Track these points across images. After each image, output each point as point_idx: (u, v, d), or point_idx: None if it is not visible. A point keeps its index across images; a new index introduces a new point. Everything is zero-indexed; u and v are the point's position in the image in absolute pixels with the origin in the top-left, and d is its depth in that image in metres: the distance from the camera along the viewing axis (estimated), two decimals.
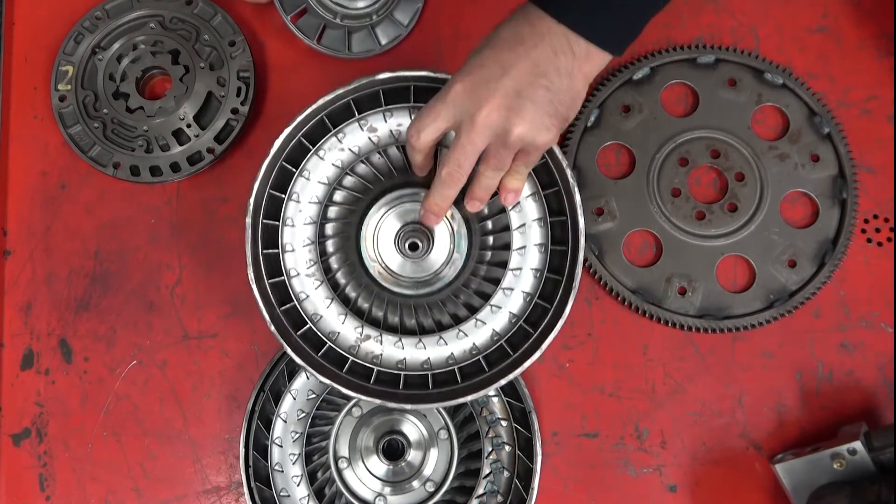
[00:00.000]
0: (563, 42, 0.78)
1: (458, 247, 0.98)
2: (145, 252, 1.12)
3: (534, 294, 0.95)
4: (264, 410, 1.03)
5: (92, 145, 1.12)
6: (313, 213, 0.96)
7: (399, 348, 0.95)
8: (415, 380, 0.94)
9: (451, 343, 0.95)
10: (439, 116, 0.82)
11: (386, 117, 0.95)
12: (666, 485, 1.06)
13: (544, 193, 0.95)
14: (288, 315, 0.94)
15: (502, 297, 0.95)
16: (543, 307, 0.94)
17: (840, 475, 0.97)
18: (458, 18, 1.18)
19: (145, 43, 1.14)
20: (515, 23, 0.80)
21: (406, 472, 1.02)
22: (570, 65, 0.78)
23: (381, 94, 0.95)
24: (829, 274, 1.09)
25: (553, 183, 0.95)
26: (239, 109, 1.13)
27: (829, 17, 1.19)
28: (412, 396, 0.93)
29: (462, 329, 0.95)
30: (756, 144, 1.13)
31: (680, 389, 1.08)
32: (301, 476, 1.01)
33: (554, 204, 0.95)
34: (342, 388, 0.91)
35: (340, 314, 0.95)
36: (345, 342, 0.95)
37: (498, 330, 0.95)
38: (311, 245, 0.95)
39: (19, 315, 1.11)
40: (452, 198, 0.88)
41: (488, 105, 0.79)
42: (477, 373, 0.94)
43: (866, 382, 1.08)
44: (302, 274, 0.95)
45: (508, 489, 1.02)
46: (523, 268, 0.95)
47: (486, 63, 0.79)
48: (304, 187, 0.95)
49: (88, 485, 1.07)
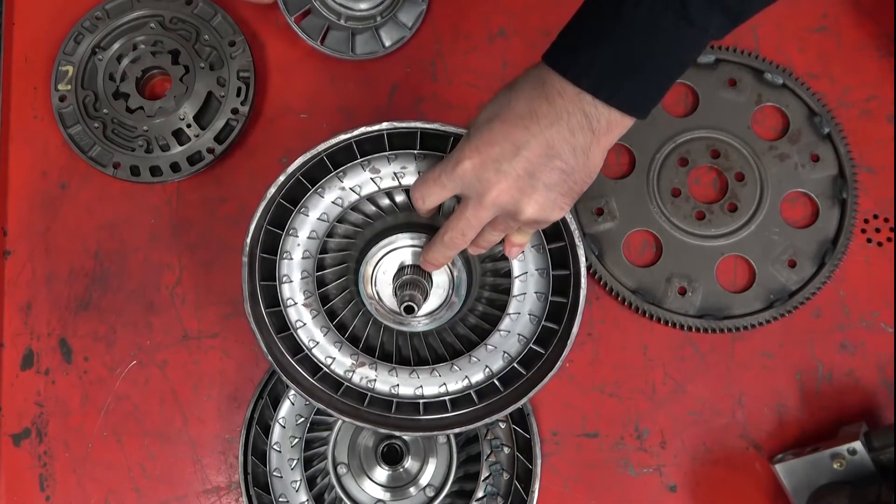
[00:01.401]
0: (581, 120, 0.72)
1: (458, 291, 0.96)
2: (145, 252, 1.12)
3: (530, 339, 0.95)
4: (263, 416, 1.03)
5: (92, 145, 1.12)
6: (312, 248, 0.95)
7: (393, 376, 0.96)
8: (407, 408, 0.95)
9: (445, 375, 0.95)
10: (445, 188, 0.79)
11: (390, 160, 0.92)
12: (666, 485, 1.06)
13: (549, 248, 0.93)
14: (285, 341, 0.94)
15: (499, 338, 0.95)
16: (538, 352, 0.94)
17: (840, 475, 0.97)
18: (461, 21, 1.18)
19: (145, 43, 1.14)
20: (530, 93, 0.74)
21: (405, 477, 1.02)
22: (588, 142, 0.73)
23: (385, 138, 0.91)
24: (829, 274, 1.09)
25: (559, 238, 0.92)
26: (239, 109, 1.13)
27: (829, 17, 1.19)
28: (403, 422, 0.94)
29: (456, 364, 0.95)
30: (756, 144, 1.13)
31: (680, 389, 1.08)
32: (300, 481, 1.01)
33: (557, 257, 0.94)
34: (336, 414, 0.92)
35: (336, 342, 0.95)
36: (340, 368, 0.96)
37: (493, 369, 0.95)
38: (308, 277, 0.95)
39: (19, 315, 1.11)
40: (452, 257, 0.87)
41: (498, 187, 0.76)
42: (467, 404, 0.95)
43: (866, 382, 1.08)
44: (299, 304, 0.95)
45: (508, 491, 1.02)
46: (521, 312, 0.95)
47: (496, 140, 0.75)
48: (302, 223, 0.94)
49: (88, 485, 1.07)
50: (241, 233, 0.91)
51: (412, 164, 0.92)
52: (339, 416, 0.93)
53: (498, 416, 0.92)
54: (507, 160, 0.74)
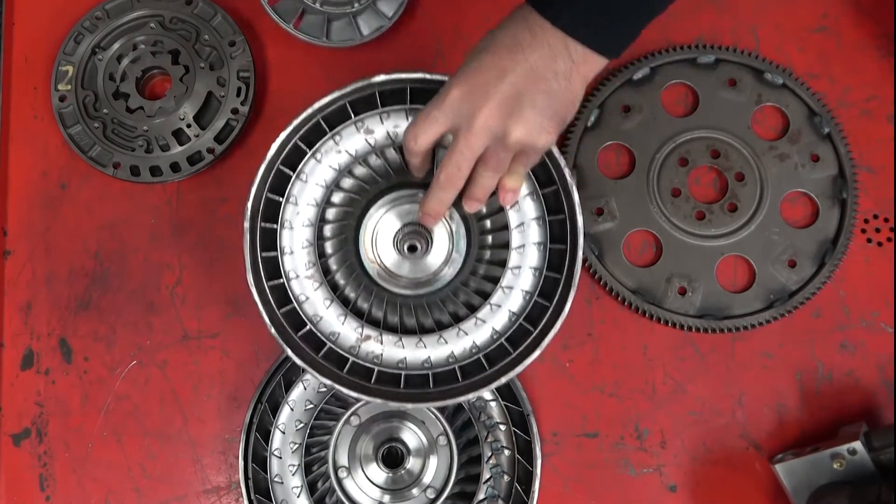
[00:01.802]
0: (560, 47, 0.78)
1: (457, 247, 0.98)
2: (145, 252, 1.12)
3: (533, 292, 0.95)
4: (262, 422, 1.02)
5: (92, 145, 1.12)
6: (311, 216, 0.95)
7: (399, 348, 0.95)
8: (415, 379, 0.95)
9: (452, 342, 0.95)
10: (437, 121, 0.82)
11: (382, 119, 0.95)
12: (666, 485, 1.06)
13: (542, 192, 0.95)
14: (288, 317, 0.94)
15: (502, 295, 0.95)
16: (543, 305, 0.94)
17: (840, 475, 0.97)
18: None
19: (145, 43, 1.14)
20: (513, 28, 0.79)
21: (406, 479, 1.01)
22: (568, 68, 0.78)
23: (377, 96, 0.95)
24: (829, 274, 1.09)
25: (551, 182, 0.95)
26: (239, 109, 1.13)
27: (829, 17, 1.19)
28: (413, 395, 0.93)
29: (462, 328, 0.95)
30: (756, 144, 1.13)
31: (680, 389, 1.08)
32: (301, 487, 1.01)
33: (552, 203, 0.95)
34: (343, 389, 0.91)
35: (340, 315, 0.94)
36: (345, 343, 0.95)
37: (498, 329, 0.95)
38: (309, 247, 0.95)
39: (19, 315, 1.11)
40: (450, 201, 0.88)
41: (486, 109, 0.79)
42: (477, 371, 0.94)
43: (866, 382, 1.08)
44: (301, 276, 0.95)
45: (509, 493, 1.02)
46: (522, 266, 0.95)
47: (483, 67, 0.79)
48: (301, 190, 0.95)
49: (88, 485, 1.07)
50: (241, 233, 0.91)
51: (404, 122, 0.95)
52: (348, 391, 0.91)
53: (511, 375, 0.91)
54: (494, 84, 0.78)
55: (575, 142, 1.13)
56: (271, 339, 0.96)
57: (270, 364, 1.05)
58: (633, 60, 1.16)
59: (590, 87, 1.16)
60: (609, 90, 1.14)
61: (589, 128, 1.14)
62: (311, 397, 1.03)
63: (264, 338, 1.09)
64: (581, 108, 1.14)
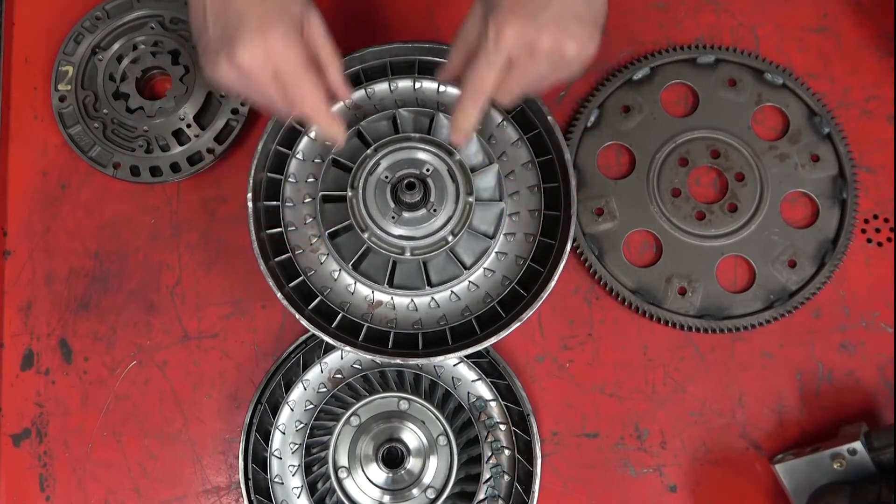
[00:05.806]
0: None
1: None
2: (145, 252, 1.12)
3: (526, 258, 0.97)
4: (262, 422, 1.02)
5: (92, 145, 1.12)
6: (311, 190, 0.98)
7: (413, 310, 0.97)
8: (431, 338, 0.97)
9: (464, 297, 0.97)
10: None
11: (392, 88, 1.01)
12: (666, 485, 1.06)
13: (538, 161, 1.00)
14: (298, 291, 0.96)
15: (504, 242, 0.99)
16: (547, 247, 0.98)
17: (840, 475, 0.97)
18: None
19: (145, 43, 1.14)
20: None
21: (406, 479, 1.01)
22: None
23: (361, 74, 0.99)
24: (829, 274, 1.09)
25: (533, 127, 1.00)
26: (239, 109, 1.13)
27: (829, 17, 1.19)
28: (432, 352, 0.95)
29: (472, 280, 0.97)
30: (756, 144, 1.13)
31: (680, 389, 1.08)
32: (301, 487, 1.01)
33: (538, 146, 1.00)
34: (360, 352, 0.92)
35: (349, 284, 0.96)
36: (357, 311, 0.97)
37: (508, 276, 0.98)
38: (313, 220, 0.97)
39: (19, 315, 1.11)
40: (483, 110, 0.85)
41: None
42: (493, 321, 0.96)
43: (866, 382, 1.08)
44: (306, 250, 0.97)
45: (509, 493, 1.02)
46: (520, 211, 0.99)
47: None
48: (298, 168, 0.99)
49: (88, 485, 1.07)
50: (241, 233, 0.92)
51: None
52: (365, 353, 0.92)
53: (523, 318, 0.92)
54: None
55: (575, 142, 1.13)
56: (271, 339, 0.97)
57: (270, 364, 1.04)
58: (634, 60, 1.16)
59: (590, 88, 1.16)
60: (609, 90, 1.14)
61: (589, 128, 1.14)
62: (311, 398, 1.03)
63: (264, 338, 1.09)
64: (581, 108, 1.14)
